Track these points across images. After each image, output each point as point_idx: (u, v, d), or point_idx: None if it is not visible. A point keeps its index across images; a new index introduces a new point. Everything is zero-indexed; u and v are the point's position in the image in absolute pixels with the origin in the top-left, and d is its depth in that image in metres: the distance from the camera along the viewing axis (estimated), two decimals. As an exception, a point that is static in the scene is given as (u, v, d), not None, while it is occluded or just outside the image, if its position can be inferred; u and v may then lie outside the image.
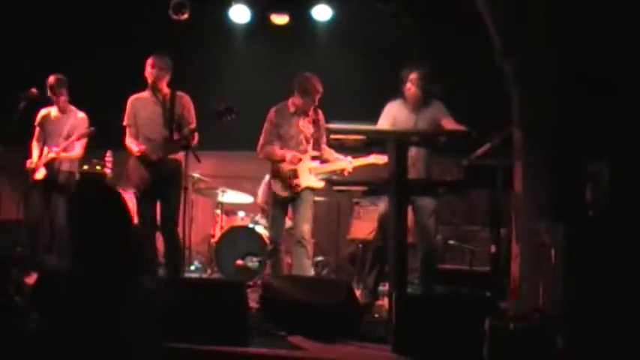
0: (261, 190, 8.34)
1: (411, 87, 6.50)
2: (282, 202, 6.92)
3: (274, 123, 6.94)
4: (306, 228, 6.78)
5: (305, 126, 6.94)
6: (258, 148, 6.93)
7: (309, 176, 6.84)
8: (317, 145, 6.94)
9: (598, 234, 4.56)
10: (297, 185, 6.81)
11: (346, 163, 6.87)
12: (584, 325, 4.39)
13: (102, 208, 3.20)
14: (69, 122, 7.45)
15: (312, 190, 6.88)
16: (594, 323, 4.38)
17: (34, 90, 7.28)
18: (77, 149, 7.46)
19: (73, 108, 7.54)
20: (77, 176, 7.60)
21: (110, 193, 3.29)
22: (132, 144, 6.69)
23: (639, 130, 5.19)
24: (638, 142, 5.13)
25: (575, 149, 5.39)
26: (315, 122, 6.96)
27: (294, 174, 6.82)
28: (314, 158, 6.92)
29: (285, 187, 6.85)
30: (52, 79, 7.37)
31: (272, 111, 6.99)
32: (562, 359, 4.33)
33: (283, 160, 6.81)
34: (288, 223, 7.26)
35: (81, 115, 7.52)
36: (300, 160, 6.80)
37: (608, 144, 5.23)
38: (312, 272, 7.09)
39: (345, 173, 6.91)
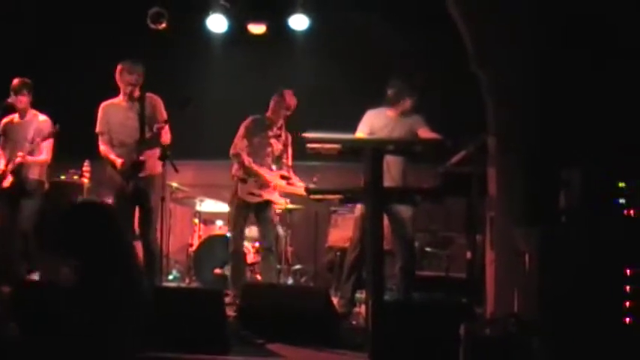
0: None
1: (405, 98, 6.54)
2: (246, 208, 7.14)
3: (250, 131, 7.02)
4: (272, 236, 7.13)
5: (275, 142, 7.11)
6: (232, 147, 7.07)
7: (274, 192, 7.16)
8: (279, 163, 7.23)
9: (571, 239, 4.61)
10: (261, 196, 7.06)
11: (300, 190, 7.05)
12: (558, 330, 4.44)
13: (95, 224, 3.22)
14: (32, 126, 7.23)
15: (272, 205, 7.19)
16: (568, 328, 4.43)
17: (9, 100, 7.18)
18: (44, 153, 7.24)
19: (35, 112, 7.33)
20: (46, 184, 7.40)
21: (101, 209, 3.31)
22: (109, 154, 6.69)
23: (610, 136, 5.26)
24: (610, 148, 5.20)
25: (548, 156, 5.44)
26: (284, 141, 7.25)
27: (263, 186, 7.06)
28: (283, 178, 7.16)
29: (251, 194, 7.05)
30: (14, 81, 7.21)
31: (250, 119, 7.07)
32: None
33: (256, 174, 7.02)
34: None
35: (43, 117, 7.31)
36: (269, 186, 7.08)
37: (580, 151, 5.30)
38: (289, 280, 7.19)
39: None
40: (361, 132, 6.51)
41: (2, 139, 7.36)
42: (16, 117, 7.32)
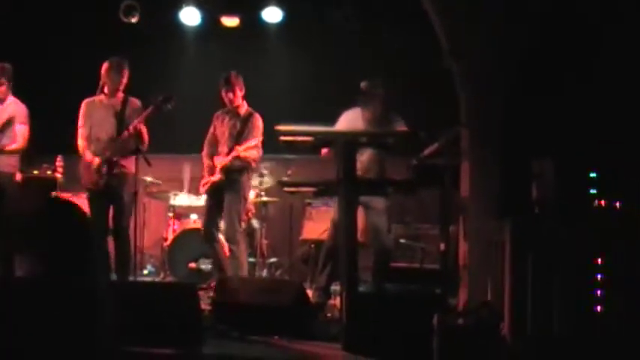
0: None
1: (376, 103, 6.51)
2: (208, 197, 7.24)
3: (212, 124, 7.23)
4: (230, 230, 7.07)
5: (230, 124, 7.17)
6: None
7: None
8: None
9: (544, 230, 4.66)
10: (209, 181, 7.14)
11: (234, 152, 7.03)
12: (530, 319, 4.48)
13: (66, 224, 3.19)
14: (7, 111, 7.04)
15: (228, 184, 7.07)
16: (540, 317, 4.47)
17: None
18: (19, 139, 7.03)
19: (14, 99, 7.14)
20: (18, 176, 7.24)
21: (66, 205, 3.27)
22: (86, 151, 6.70)
23: (582, 128, 5.31)
24: (581, 140, 5.25)
25: (520, 148, 5.48)
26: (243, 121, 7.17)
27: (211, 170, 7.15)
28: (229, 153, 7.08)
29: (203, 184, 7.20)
30: None
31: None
32: (510, 353, 4.41)
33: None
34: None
35: (21, 105, 7.12)
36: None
37: (552, 142, 5.34)
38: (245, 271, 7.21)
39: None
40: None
41: None
42: None
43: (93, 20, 8.90)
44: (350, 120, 6.57)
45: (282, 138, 5.49)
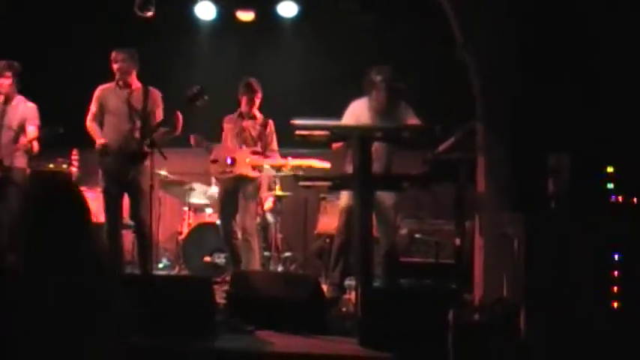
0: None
1: (377, 90, 6.42)
2: (224, 191, 7.41)
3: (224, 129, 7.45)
4: (247, 222, 7.19)
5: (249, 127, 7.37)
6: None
7: (246, 166, 7.23)
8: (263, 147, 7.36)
9: (559, 225, 4.63)
10: (231, 172, 7.23)
11: (283, 161, 7.25)
12: (545, 315, 4.46)
13: (58, 207, 3.15)
14: (18, 113, 7.04)
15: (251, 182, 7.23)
16: (556, 313, 4.45)
17: None
18: (31, 132, 6.99)
19: (21, 97, 7.13)
20: (28, 170, 7.19)
21: (66, 191, 3.23)
22: (95, 132, 6.76)
23: (599, 123, 5.28)
24: (598, 135, 5.22)
25: (536, 142, 5.46)
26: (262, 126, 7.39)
27: (233, 161, 7.28)
28: (255, 153, 7.26)
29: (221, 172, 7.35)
30: None
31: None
32: (525, 348, 4.39)
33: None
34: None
35: (30, 105, 7.11)
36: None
37: (568, 137, 5.31)
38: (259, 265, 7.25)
39: (284, 169, 7.40)
40: (346, 122, 6.47)
41: None
42: (1, 98, 7.09)
43: (108, 14, 8.92)
44: (356, 110, 6.52)
45: (297, 132, 5.48)
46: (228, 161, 7.23)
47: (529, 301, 4.59)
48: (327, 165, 7.06)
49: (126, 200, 6.85)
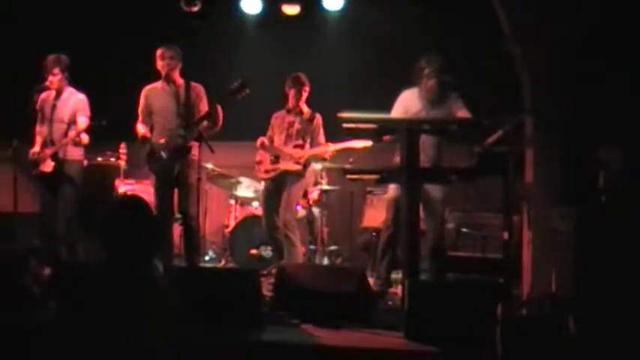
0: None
1: (427, 79, 6.40)
2: (268, 187, 7.51)
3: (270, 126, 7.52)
4: (288, 215, 7.21)
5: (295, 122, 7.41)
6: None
7: (289, 161, 7.31)
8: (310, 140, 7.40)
9: (610, 219, 4.57)
10: (276, 169, 7.34)
11: (324, 148, 7.28)
12: (595, 310, 4.40)
13: (130, 210, 3.27)
14: (68, 106, 7.12)
15: (295, 175, 7.30)
16: (605, 308, 4.40)
17: (44, 84, 7.15)
18: (81, 123, 7.04)
19: (71, 90, 7.20)
20: (85, 163, 7.31)
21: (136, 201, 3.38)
22: (140, 128, 6.85)
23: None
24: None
25: (587, 135, 5.39)
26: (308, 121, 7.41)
27: (276, 159, 7.39)
28: (297, 147, 7.31)
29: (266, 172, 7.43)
30: (47, 58, 7.10)
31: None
32: (574, 344, 4.34)
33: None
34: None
35: (81, 96, 7.19)
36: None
37: (620, 130, 5.24)
38: (301, 258, 7.34)
39: (327, 156, 7.42)
40: (395, 113, 6.45)
41: (39, 116, 7.24)
42: (52, 94, 7.19)
43: (154, 9, 8.99)
44: (406, 99, 6.52)
45: (345, 125, 5.48)
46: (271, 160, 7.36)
47: (578, 296, 4.54)
48: (368, 143, 7.07)
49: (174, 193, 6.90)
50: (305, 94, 7.34)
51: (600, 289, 4.47)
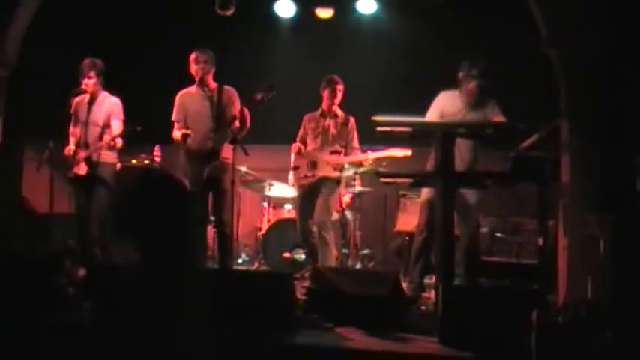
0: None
1: (468, 82, 6.39)
2: (303, 192, 7.46)
3: (303, 126, 7.55)
4: (324, 216, 7.21)
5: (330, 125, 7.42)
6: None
7: (326, 167, 7.28)
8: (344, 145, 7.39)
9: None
10: (313, 176, 7.31)
11: (364, 156, 7.28)
12: (631, 317, 4.36)
13: (166, 202, 3.22)
14: (103, 109, 7.15)
15: (333, 181, 7.31)
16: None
17: (79, 88, 7.21)
18: (115, 127, 7.08)
19: (106, 94, 7.22)
20: (118, 166, 7.29)
21: (173, 186, 3.29)
22: (177, 133, 6.86)
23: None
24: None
25: (623, 141, 5.34)
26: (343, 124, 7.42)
27: (313, 165, 7.35)
28: (334, 153, 7.32)
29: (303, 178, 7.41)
30: (83, 62, 7.12)
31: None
32: (610, 351, 4.30)
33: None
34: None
35: (115, 100, 7.20)
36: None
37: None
38: (334, 260, 7.29)
39: (365, 165, 7.45)
40: (432, 115, 6.44)
41: (73, 118, 7.28)
42: (87, 97, 7.21)
43: (189, 13, 9.04)
44: (444, 100, 6.51)
45: (379, 129, 5.47)
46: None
47: (615, 303, 4.49)
48: (408, 152, 7.06)
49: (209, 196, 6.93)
50: (340, 94, 7.34)
51: (636, 295, 4.42)
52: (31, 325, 4.62)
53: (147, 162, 8.56)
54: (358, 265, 8.24)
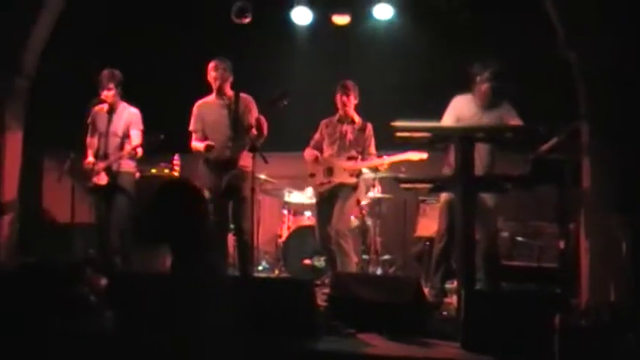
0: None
1: (480, 84, 6.38)
2: (321, 199, 7.45)
3: (319, 131, 7.59)
4: (340, 225, 7.18)
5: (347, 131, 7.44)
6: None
7: (343, 173, 7.30)
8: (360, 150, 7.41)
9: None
10: (330, 182, 7.33)
11: (380, 160, 7.32)
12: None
13: (188, 212, 3.24)
14: (122, 119, 7.22)
15: (350, 187, 7.31)
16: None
17: (99, 98, 7.21)
18: (135, 137, 7.17)
19: (124, 104, 7.31)
20: (137, 175, 7.39)
21: (193, 196, 3.32)
22: (197, 144, 6.85)
23: None
24: None
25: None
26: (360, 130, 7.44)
27: (330, 171, 7.35)
28: (350, 158, 7.34)
29: (320, 184, 7.41)
30: (102, 73, 7.22)
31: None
32: (634, 354, 4.27)
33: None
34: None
35: (133, 110, 7.29)
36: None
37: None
38: (354, 268, 7.32)
39: (381, 169, 7.48)
40: (448, 119, 6.43)
41: (91, 128, 7.35)
42: (105, 107, 7.28)
43: (205, 22, 9.09)
44: (458, 104, 6.51)
45: (398, 134, 5.46)
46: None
47: (638, 305, 4.46)
48: (424, 155, 7.06)
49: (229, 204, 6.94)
50: (353, 99, 7.35)
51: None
52: (53, 333, 4.66)
53: (166, 171, 8.60)
54: (379, 272, 8.24)
